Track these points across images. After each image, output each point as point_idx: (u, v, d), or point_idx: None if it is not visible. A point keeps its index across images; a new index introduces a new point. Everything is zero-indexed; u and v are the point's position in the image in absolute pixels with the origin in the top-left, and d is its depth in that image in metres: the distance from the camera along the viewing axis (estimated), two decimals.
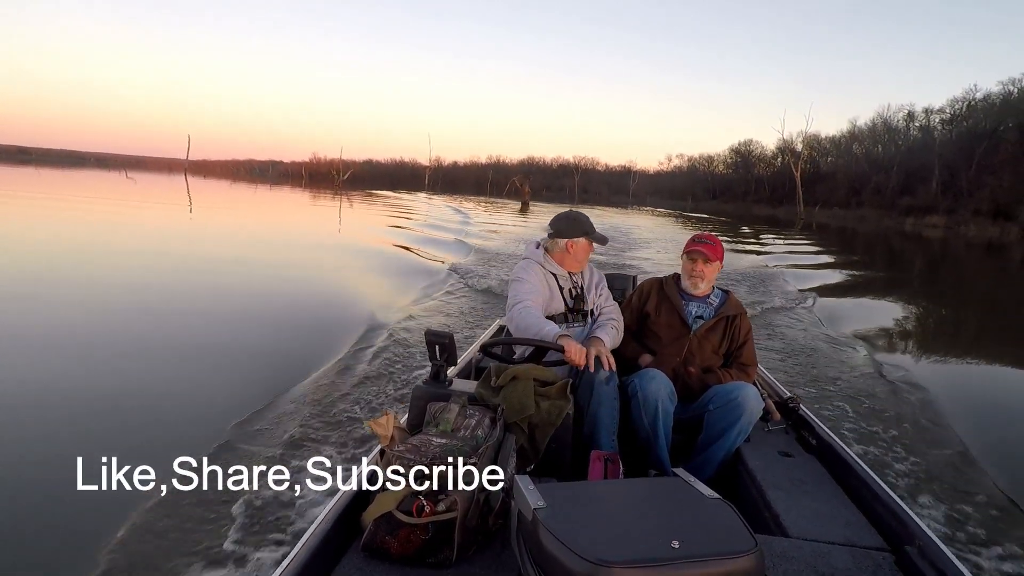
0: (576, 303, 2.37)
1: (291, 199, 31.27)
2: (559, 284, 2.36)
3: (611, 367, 2.00)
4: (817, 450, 2.17)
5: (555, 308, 2.33)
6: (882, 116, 52.08)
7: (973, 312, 9.75)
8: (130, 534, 2.16)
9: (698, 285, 2.41)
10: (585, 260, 2.42)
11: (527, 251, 2.42)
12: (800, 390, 4.23)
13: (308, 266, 9.14)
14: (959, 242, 26.83)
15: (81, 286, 6.44)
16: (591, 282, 2.46)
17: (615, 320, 2.37)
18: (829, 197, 49.82)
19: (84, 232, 11.87)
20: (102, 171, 62.08)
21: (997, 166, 35.23)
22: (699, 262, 2.38)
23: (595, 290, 2.44)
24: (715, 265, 2.39)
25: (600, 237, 2.38)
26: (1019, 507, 2.75)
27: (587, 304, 2.40)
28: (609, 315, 2.39)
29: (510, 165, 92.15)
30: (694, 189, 70.64)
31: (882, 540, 1.61)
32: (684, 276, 2.45)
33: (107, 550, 2.07)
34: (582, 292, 2.40)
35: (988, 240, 28.53)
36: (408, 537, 1.34)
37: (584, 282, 2.43)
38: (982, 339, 7.51)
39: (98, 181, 36.99)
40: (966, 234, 31.72)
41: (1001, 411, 4.41)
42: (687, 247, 2.43)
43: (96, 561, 2.02)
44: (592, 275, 2.49)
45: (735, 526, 1.16)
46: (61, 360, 3.96)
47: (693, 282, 2.41)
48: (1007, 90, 40.46)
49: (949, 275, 15.81)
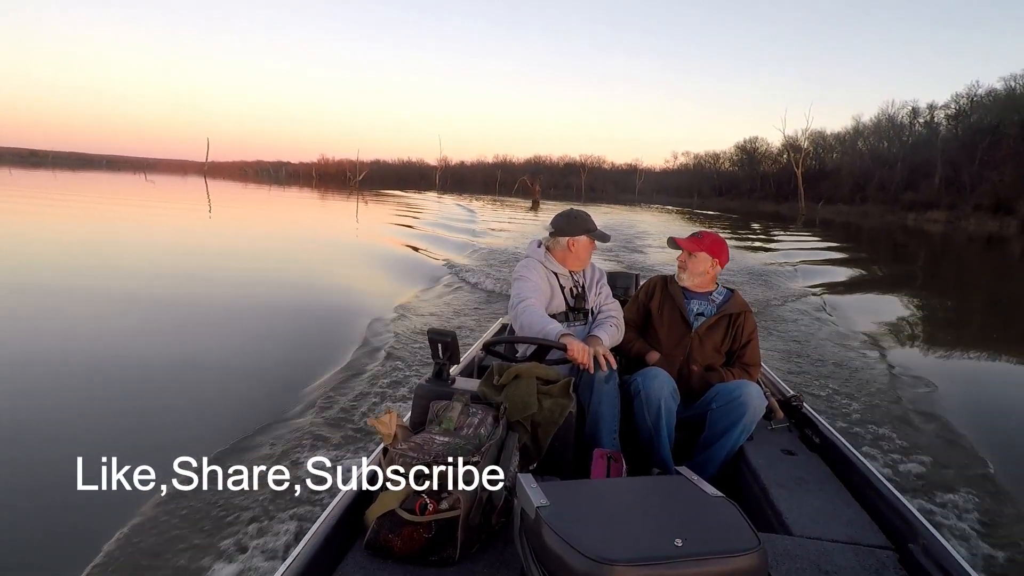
0: (577, 302, 2.36)
1: (312, 201, 31.22)
2: (560, 283, 2.35)
3: (611, 366, 2.00)
4: (820, 448, 2.16)
5: (556, 307, 2.32)
6: (886, 113, 52.61)
7: (978, 307, 9.72)
8: (132, 533, 2.18)
9: (682, 278, 2.42)
10: (587, 258, 2.41)
11: (528, 250, 2.42)
12: (797, 378, 4.23)
13: (322, 266, 9.20)
14: (960, 236, 27.24)
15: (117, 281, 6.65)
16: (592, 280, 2.45)
17: (615, 318, 2.36)
18: (834, 193, 50.23)
19: (121, 232, 12.34)
20: (121, 174, 62.66)
21: (999, 161, 35.56)
22: (681, 254, 2.43)
23: (595, 288, 2.43)
24: (700, 257, 2.38)
25: (601, 235, 2.37)
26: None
27: (588, 303, 2.39)
28: (609, 313, 2.38)
29: (517, 164, 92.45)
30: (700, 186, 70.76)
31: (886, 538, 1.61)
32: (677, 270, 2.48)
33: (107, 550, 2.08)
34: (583, 291, 2.39)
35: (988, 234, 28.98)
36: (411, 535, 1.35)
37: (585, 281, 2.43)
38: (988, 335, 7.47)
39: (119, 184, 37.44)
40: (966, 228, 32.30)
41: (1007, 407, 4.39)
42: (673, 239, 2.48)
43: (97, 560, 2.03)
44: (593, 273, 2.48)
45: (738, 524, 1.16)
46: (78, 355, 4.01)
47: (679, 275, 2.44)
48: (1009, 86, 40.85)
49: (950, 268, 15.94)
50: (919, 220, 37.63)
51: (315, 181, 74.10)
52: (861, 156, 52.87)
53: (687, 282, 2.42)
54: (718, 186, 70.36)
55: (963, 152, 39.44)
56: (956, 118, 45.03)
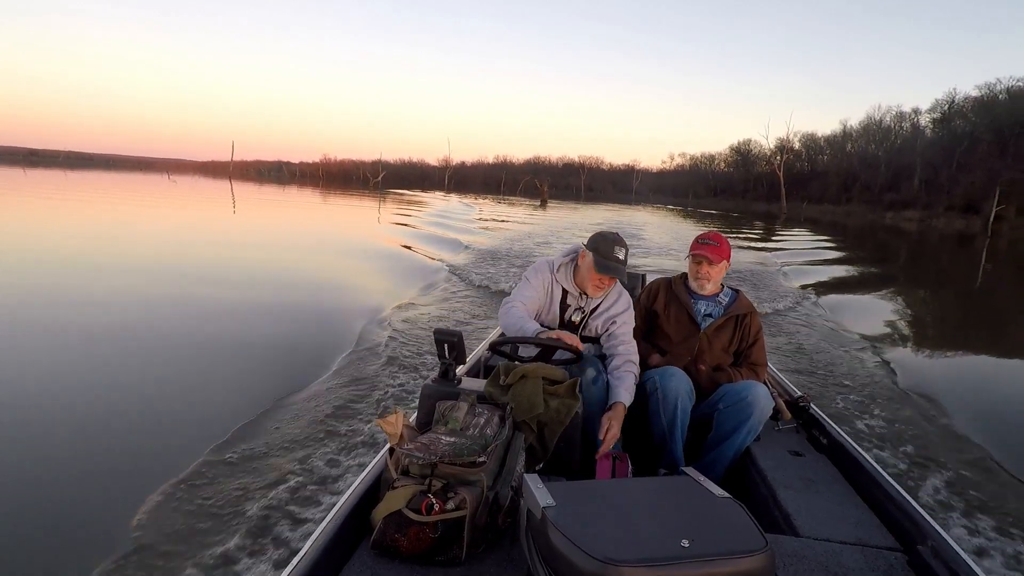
0: (571, 321, 2.21)
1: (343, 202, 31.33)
2: (566, 300, 2.22)
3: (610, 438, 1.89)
4: (828, 449, 2.15)
5: (550, 320, 2.22)
6: (872, 117, 56.17)
7: (974, 304, 9.75)
8: (136, 532, 2.18)
9: (704, 287, 2.39)
10: (591, 281, 2.14)
11: (549, 256, 2.32)
12: (802, 377, 4.23)
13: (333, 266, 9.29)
14: (932, 233, 29.98)
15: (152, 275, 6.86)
16: (608, 310, 2.21)
17: (632, 363, 2.11)
18: (823, 194, 54.11)
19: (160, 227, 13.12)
20: (148, 174, 63.88)
21: (973, 165, 38.82)
22: (703, 265, 2.35)
23: (604, 317, 2.20)
24: (721, 265, 2.36)
25: (603, 264, 2.06)
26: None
27: (587, 329, 2.21)
28: (626, 357, 2.12)
29: (517, 164, 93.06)
30: (695, 187, 72.48)
31: (894, 540, 1.60)
32: (691, 278, 2.42)
33: (107, 550, 2.08)
34: (587, 317, 2.21)
35: (958, 231, 32.10)
36: (417, 535, 1.35)
37: (600, 309, 2.22)
38: (988, 331, 7.45)
39: (143, 184, 38.15)
40: (936, 226, 35.76)
41: (1010, 403, 4.36)
42: (692, 249, 2.38)
43: (98, 559, 2.04)
44: (615, 304, 2.22)
45: (745, 525, 1.16)
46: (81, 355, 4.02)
47: (700, 284, 2.38)
48: (983, 93, 44.92)
49: (928, 264, 16.88)
50: (896, 219, 41.49)
51: (322, 182, 74.16)
52: (849, 158, 55.88)
53: (708, 290, 2.39)
54: (713, 187, 71.94)
55: (942, 155, 42.94)
56: (942, 122, 47.91)
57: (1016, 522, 2.55)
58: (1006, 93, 42.73)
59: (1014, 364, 5.76)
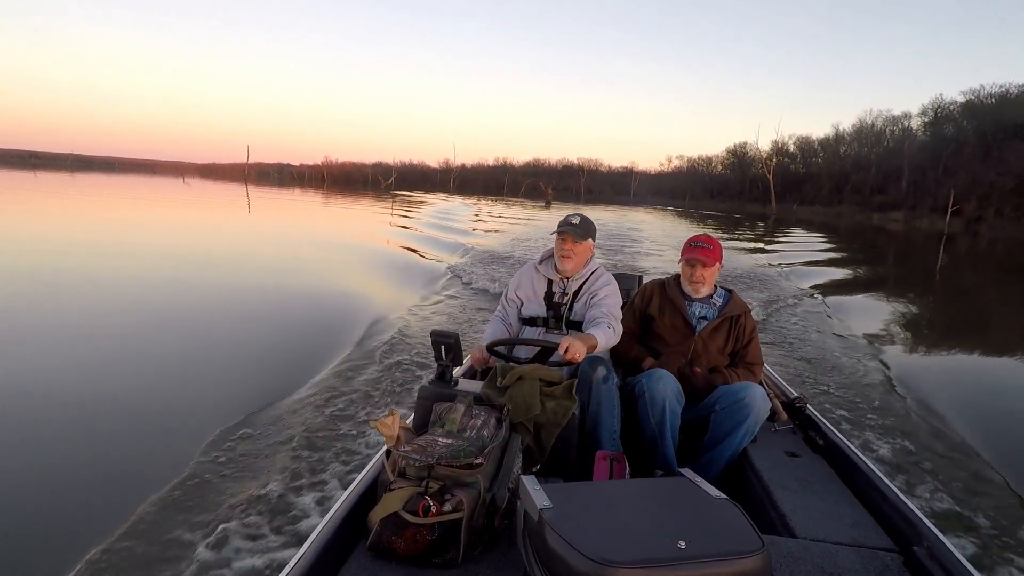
0: (556, 310, 2.30)
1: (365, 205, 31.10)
2: (551, 289, 2.34)
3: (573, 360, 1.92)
4: (824, 450, 2.16)
5: (536, 311, 2.34)
6: (864, 121, 57.67)
7: (971, 304, 9.79)
8: (129, 532, 2.18)
9: (699, 290, 2.39)
10: (563, 255, 2.28)
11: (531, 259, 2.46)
12: (799, 378, 4.24)
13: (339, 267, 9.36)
14: (915, 234, 31.06)
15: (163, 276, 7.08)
16: (587, 287, 2.30)
17: (609, 317, 2.15)
18: (815, 195, 55.63)
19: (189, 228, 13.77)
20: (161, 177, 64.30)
21: (958, 168, 40.74)
22: (697, 268, 2.35)
23: (587, 296, 2.29)
24: (714, 268, 2.37)
25: (557, 229, 2.28)
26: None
27: (572, 314, 2.29)
28: (602, 312, 2.17)
29: (517, 167, 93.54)
30: (693, 189, 73.08)
31: (890, 541, 1.60)
32: (684, 281, 2.42)
33: (101, 549, 2.08)
34: (571, 301, 2.30)
35: (940, 231, 33.13)
36: (414, 537, 1.35)
37: (582, 290, 2.30)
38: (984, 332, 7.47)
39: (160, 186, 38.65)
40: (920, 227, 37.36)
41: (1009, 406, 4.37)
42: (684, 253, 2.38)
43: (92, 559, 2.03)
44: (595, 281, 2.32)
45: (742, 526, 1.16)
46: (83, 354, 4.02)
47: (695, 287, 2.39)
48: (968, 99, 46.71)
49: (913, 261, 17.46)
50: (883, 220, 43.03)
51: (327, 183, 73.61)
52: (842, 160, 57.12)
53: (703, 293, 2.40)
54: (710, 188, 72.55)
55: (930, 158, 44.69)
56: (932, 125, 49.57)
57: (1013, 523, 2.56)
58: (991, 98, 44.68)
59: (1004, 362, 5.84)
